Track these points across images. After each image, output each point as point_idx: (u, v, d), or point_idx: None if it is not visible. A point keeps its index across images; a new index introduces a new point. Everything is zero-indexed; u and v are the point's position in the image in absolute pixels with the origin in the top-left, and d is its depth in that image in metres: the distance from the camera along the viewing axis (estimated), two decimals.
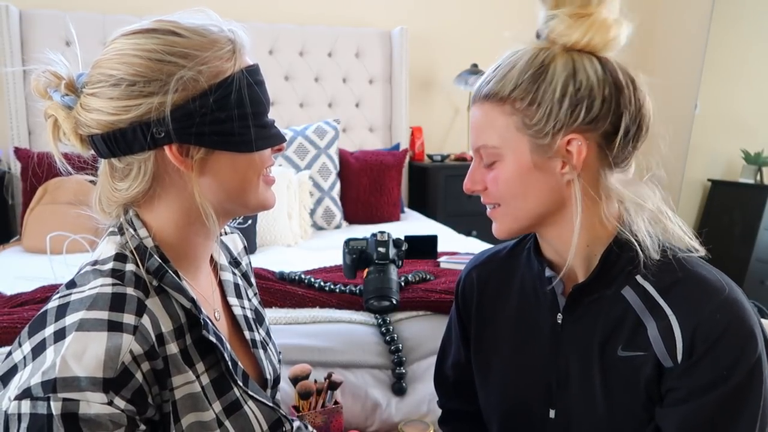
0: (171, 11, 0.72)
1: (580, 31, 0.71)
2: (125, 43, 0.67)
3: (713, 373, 0.68)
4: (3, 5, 2.48)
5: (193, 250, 0.74)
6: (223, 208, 0.73)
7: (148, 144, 0.66)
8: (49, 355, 0.58)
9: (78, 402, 0.56)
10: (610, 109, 0.72)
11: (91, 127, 0.67)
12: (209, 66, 0.66)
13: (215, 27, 0.70)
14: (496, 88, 0.74)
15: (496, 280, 0.92)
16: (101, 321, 0.61)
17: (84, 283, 0.65)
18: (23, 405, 0.56)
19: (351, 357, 1.30)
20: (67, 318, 0.61)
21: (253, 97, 0.69)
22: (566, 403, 0.80)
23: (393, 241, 1.47)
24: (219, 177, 0.70)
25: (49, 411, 0.55)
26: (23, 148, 2.55)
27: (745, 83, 3.41)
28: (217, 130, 0.67)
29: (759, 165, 3.27)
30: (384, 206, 2.84)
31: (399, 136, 3.23)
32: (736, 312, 0.69)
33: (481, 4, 3.46)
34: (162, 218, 0.71)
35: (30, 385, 0.56)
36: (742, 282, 3.08)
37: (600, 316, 0.77)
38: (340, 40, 3.11)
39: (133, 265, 0.67)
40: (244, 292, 0.89)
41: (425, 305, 1.44)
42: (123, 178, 0.70)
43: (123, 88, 0.65)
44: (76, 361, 0.57)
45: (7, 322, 1.21)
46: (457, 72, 3.26)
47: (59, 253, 1.93)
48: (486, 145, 0.76)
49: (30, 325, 0.62)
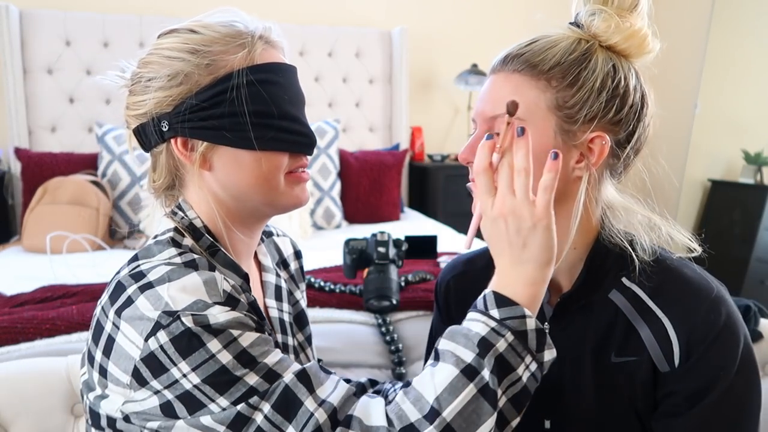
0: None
1: (623, 36, 0.71)
2: (154, 44, 0.72)
3: (712, 372, 0.68)
4: (3, 5, 2.48)
5: (234, 243, 0.75)
6: (243, 206, 0.73)
7: (158, 137, 0.70)
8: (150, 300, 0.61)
9: (205, 315, 0.60)
10: (633, 117, 0.72)
11: (129, 123, 0.73)
12: (213, 60, 0.68)
13: (239, 23, 0.72)
14: (535, 61, 0.71)
15: (476, 294, 0.83)
16: (184, 269, 0.64)
17: (149, 255, 0.68)
18: (160, 336, 0.59)
19: (351, 357, 1.30)
20: (149, 275, 0.64)
21: (256, 95, 0.69)
22: (562, 413, 0.79)
23: (393, 241, 1.47)
24: (224, 172, 0.71)
25: (185, 326, 0.59)
26: (23, 148, 2.55)
27: (745, 83, 3.41)
28: (215, 125, 0.68)
29: (759, 165, 3.26)
30: (384, 206, 2.84)
31: (399, 136, 3.23)
32: (728, 310, 0.70)
33: (481, 4, 3.46)
34: (198, 208, 0.74)
35: (154, 321, 0.59)
36: (742, 282, 3.08)
37: (590, 322, 0.76)
38: (340, 40, 3.11)
39: (190, 240, 0.71)
40: (286, 295, 0.88)
41: (425, 305, 1.44)
42: (154, 170, 0.75)
43: (142, 85, 0.70)
44: (183, 292, 0.61)
45: (7, 322, 1.21)
46: (457, 72, 3.26)
47: (59, 253, 1.93)
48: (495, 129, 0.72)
49: (110, 297, 0.64)
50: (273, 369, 0.61)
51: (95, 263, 1.92)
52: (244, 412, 0.58)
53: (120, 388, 0.61)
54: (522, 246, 0.63)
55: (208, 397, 0.59)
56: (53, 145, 2.68)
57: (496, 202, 0.64)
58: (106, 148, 2.47)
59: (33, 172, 2.41)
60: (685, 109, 3.39)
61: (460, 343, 0.61)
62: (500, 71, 0.75)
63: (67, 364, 1.04)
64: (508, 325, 0.60)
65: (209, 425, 0.59)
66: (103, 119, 2.68)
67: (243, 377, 0.59)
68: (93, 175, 2.44)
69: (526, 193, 0.63)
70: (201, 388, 0.59)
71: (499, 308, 0.62)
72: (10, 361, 1.09)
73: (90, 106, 2.74)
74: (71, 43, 2.69)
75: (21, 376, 1.01)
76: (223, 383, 0.59)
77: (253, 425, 0.59)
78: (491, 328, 0.60)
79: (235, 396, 0.59)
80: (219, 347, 0.59)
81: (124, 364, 0.60)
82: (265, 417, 0.59)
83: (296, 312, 0.90)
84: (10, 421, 0.97)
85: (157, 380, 0.59)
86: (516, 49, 0.74)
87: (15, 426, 0.97)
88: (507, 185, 0.64)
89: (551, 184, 0.63)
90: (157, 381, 0.59)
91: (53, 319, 1.23)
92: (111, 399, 0.62)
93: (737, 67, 3.37)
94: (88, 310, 1.28)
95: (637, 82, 0.73)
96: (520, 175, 0.63)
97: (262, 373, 0.60)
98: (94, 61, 2.72)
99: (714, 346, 0.68)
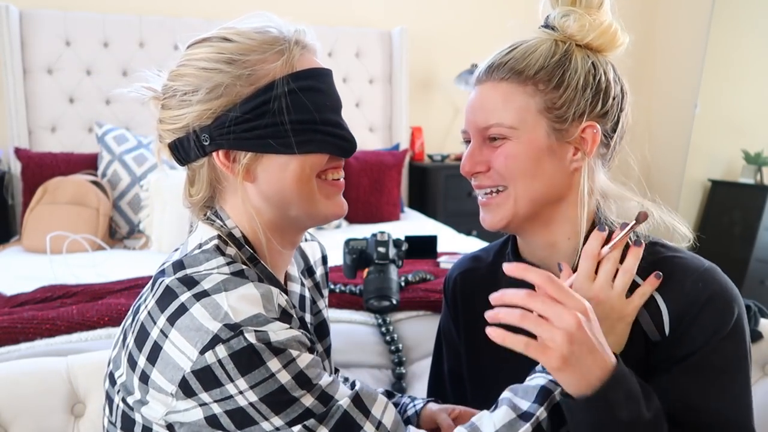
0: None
1: (596, 33, 0.75)
2: (186, 54, 0.70)
3: (702, 337, 0.69)
4: (3, 5, 2.48)
5: (272, 255, 0.74)
6: (282, 218, 0.72)
7: (199, 151, 0.68)
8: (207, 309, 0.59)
9: (266, 332, 0.59)
10: (617, 107, 0.76)
11: (164, 137, 0.71)
12: (253, 70, 0.67)
13: (273, 29, 0.70)
14: (519, 67, 0.74)
15: (482, 292, 0.87)
16: (239, 280, 0.63)
17: (196, 264, 0.66)
18: (218, 350, 0.57)
19: (351, 357, 1.30)
20: (203, 283, 0.62)
21: (297, 102, 0.68)
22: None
23: (393, 241, 1.47)
24: (267, 181, 0.69)
25: (247, 341, 0.58)
26: (23, 148, 2.54)
27: (745, 83, 3.41)
28: (259, 134, 0.67)
29: (759, 165, 3.26)
30: (384, 206, 2.84)
31: (399, 136, 3.23)
32: (718, 279, 0.72)
33: (481, 4, 3.46)
34: (236, 219, 0.72)
35: (213, 333, 0.58)
36: (742, 282, 3.08)
37: None
38: (340, 40, 3.11)
39: (234, 249, 0.70)
40: (309, 305, 0.85)
41: (425, 305, 1.44)
42: (193, 184, 0.73)
43: (177, 98, 0.68)
44: (243, 303, 0.60)
45: (7, 322, 1.21)
46: (457, 72, 3.26)
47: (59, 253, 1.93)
48: (501, 124, 0.74)
49: (158, 302, 0.63)
50: (326, 391, 0.61)
51: (95, 263, 1.92)
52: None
53: (162, 395, 0.60)
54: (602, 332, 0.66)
55: (262, 415, 0.59)
56: (53, 145, 2.68)
57: (595, 287, 0.71)
58: (106, 148, 2.47)
59: (33, 172, 2.41)
60: (685, 109, 3.39)
61: (518, 395, 0.66)
62: (486, 81, 0.77)
63: (67, 364, 1.04)
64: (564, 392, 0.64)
65: None
66: (103, 119, 2.68)
67: (300, 398, 0.59)
68: (93, 175, 2.44)
69: (623, 290, 0.71)
70: (257, 407, 0.58)
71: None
72: (10, 361, 1.09)
73: (90, 106, 2.74)
74: (71, 43, 2.69)
75: (21, 376, 1.01)
76: (281, 403, 0.59)
77: None
78: (550, 379, 0.65)
79: (291, 417, 0.59)
80: (279, 367, 0.59)
81: (171, 373, 0.59)
82: None
83: (318, 321, 0.87)
84: (10, 421, 0.97)
85: (207, 393, 0.58)
86: (498, 57, 0.77)
87: (15, 426, 0.97)
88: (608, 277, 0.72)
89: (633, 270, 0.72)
90: (207, 394, 0.58)
91: (53, 319, 1.23)
92: (151, 406, 0.61)
93: (737, 67, 3.37)
94: (88, 310, 1.28)
95: (615, 74, 0.77)
96: (625, 275, 0.71)
97: (317, 394, 0.60)
98: (94, 61, 2.72)
99: (703, 313, 0.69)
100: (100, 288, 1.48)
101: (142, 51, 2.75)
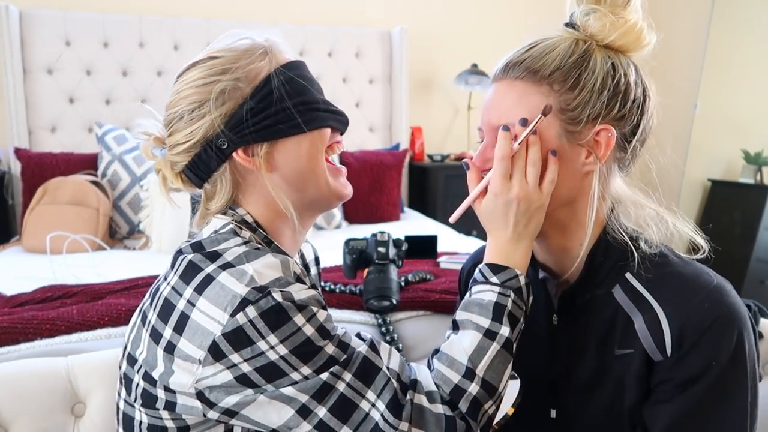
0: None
1: (619, 33, 0.72)
2: (179, 82, 0.76)
3: (704, 362, 0.68)
4: (3, 5, 2.48)
5: (283, 242, 0.80)
6: (302, 200, 0.78)
7: (220, 156, 0.74)
8: (234, 275, 0.65)
9: (290, 292, 0.66)
10: (637, 111, 0.74)
11: (179, 161, 0.77)
12: (247, 71, 0.74)
13: (247, 39, 0.77)
14: (535, 67, 0.73)
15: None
16: (259, 252, 0.69)
17: (216, 244, 0.71)
18: (248, 311, 0.64)
19: None
20: (226, 255, 0.68)
21: (294, 87, 0.75)
22: (567, 403, 0.80)
23: (393, 241, 1.47)
24: (286, 164, 0.76)
25: (275, 300, 0.64)
26: (23, 148, 2.54)
27: (745, 83, 3.41)
28: (269, 123, 0.73)
29: (759, 165, 3.26)
30: (384, 206, 2.84)
31: (399, 136, 3.23)
32: (725, 300, 0.69)
33: (481, 4, 3.46)
34: (248, 208, 0.78)
35: (241, 296, 0.64)
36: (742, 282, 3.07)
37: (594, 316, 0.77)
38: (340, 40, 3.11)
39: (248, 233, 0.76)
40: None
41: (425, 305, 1.44)
42: (212, 198, 0.79)
43: (185, 119, 0.74)
44: (266, 268, 0.67)
45: (7, 322, 1.21)
46: (457, 72, 3.26)
47: (59, 253, 1.93)
48: (513, 123, 0.74)
49: (181, 276, 0.69)
50: (343, 340, 0.68)
51: (95, 263, 1.92)
52: (329, 381, 0.65)
53: (188, 363, 0.64)
54: (525, 224, 0.73)
55: (292, 366, 0.64)
56: (53, 146, 2.68)
57: (514, 186, 0.73)
58: (106, 148, 2.47)
59: (33, 172, 2.41)
60: (685, 109, 3.39)
61: (475, 312, 0.72)
62: (502, 79, 0.76)
63: (67, 364, 1.04)
64: (508, 285, 0.73)
65: (292, 395, 0.64)
66: (103, 119, 2.68)
67: (324, 347, 0.66)
68: (93, 175, 2.44)
69: (536, 182, 0.73)
70: (287, 359, 0.64)
71: (496, 274, 0.74)
72: (10, 361, 1.09)
73: (90, 106, 2.74)
74: (71, 43, 2.69)
75: (21, 376, 1.01)
76: (308, 353, 0.65)
77: (336, 393, 0.65)
78: (498, 293, 0.72)
79: (318, 364, 0.65)
80: (303, 321, 0.65)
81: (200, 339, 0.64)
82: (348, 384, 0.66)
83: None
84: (10, 421, 0.97)
85: (238, 353, 0.63)
86: (515, 55, 0.75)
87: (15, 426, 0.97)
88: (522, 174, 0.73)
89: (554, 177, 0.74)
90: (237, 354, 0.63)
91: (53, 319, 1.22)
92: (178, 375, 0.65)
93: (737, 67, 3.38)
94: (88, 310, 1.28)
95: (637, 77, 0.74)
96: (534, 167, 0.72)
97: (336, 342, 0.67)
98: (94, 61, 2.72)
99: (706, 336, 0.68)
100: (100, 288, 1.48)
101: (142, 51, 2.75)
